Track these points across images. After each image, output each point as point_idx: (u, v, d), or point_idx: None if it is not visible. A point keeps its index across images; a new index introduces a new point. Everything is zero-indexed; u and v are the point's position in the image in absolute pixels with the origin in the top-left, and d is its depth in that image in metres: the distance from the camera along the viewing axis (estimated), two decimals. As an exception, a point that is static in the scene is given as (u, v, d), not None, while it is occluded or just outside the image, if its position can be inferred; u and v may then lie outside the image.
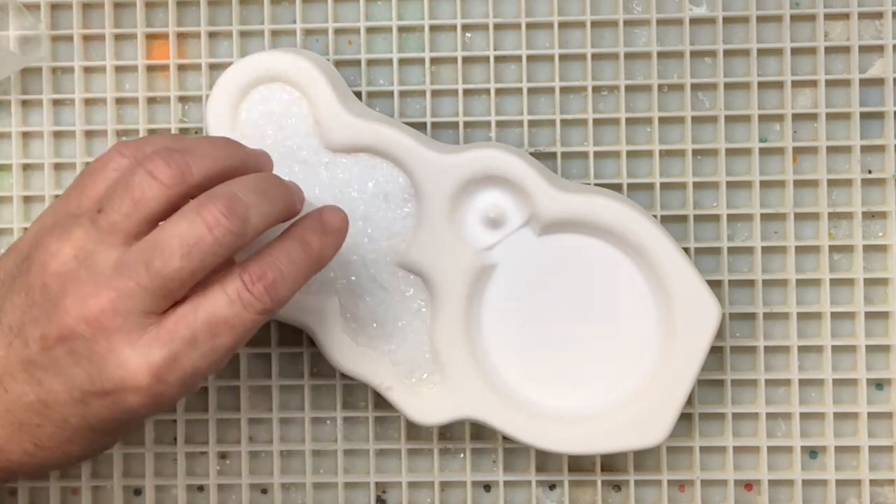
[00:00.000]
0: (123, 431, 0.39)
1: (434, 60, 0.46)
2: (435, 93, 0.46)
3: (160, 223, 0.35)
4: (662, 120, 0.46)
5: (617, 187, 0.45)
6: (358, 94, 0.46)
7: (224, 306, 0.35)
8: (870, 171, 0.46)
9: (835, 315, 0.46)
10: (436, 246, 0.43)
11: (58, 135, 0.47)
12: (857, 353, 0.46)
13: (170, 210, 0.36)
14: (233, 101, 0.43)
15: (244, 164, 0.38)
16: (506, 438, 0.46)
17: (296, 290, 0.37)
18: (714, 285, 0.45)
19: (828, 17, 0.45)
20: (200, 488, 0.47)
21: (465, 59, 0.46)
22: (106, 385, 0.35)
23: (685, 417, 0.45)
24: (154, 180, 0.35)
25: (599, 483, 0.46)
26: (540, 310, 0.43)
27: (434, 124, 0.46)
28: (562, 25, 0.46)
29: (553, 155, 0.46)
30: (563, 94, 0.46)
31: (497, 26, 0.46)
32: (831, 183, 0.46)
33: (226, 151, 0.37)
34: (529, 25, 0.46)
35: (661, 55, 0.46)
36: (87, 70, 0.47)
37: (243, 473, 0.46)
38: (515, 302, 0.43)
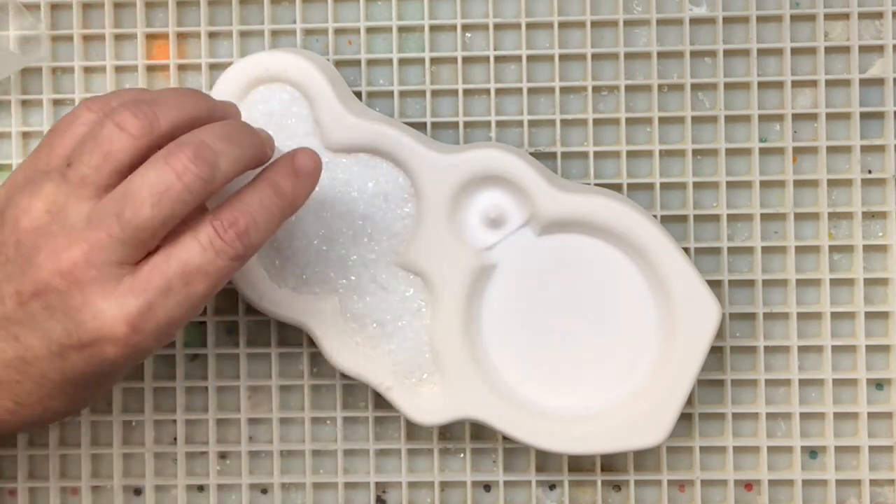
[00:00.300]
0: (103, 384, 0.39)
1: (434, 60, 0.46)
2: (435, 93, 0.46)
3: (130, 174, 0.36)
4: (662, 120, 0.46)
5: (617, 187, 0.45)
6: (358, 94, 0.46)
7: (197, 254, 0.35)
8: (870, 171, 0.46)
9: (835, 315, 0.46)
10: (436, 246, 0.43)
11: (58, 135, 0.47)
12: (857, 353, 0.46)
13: (139, 161, 0.36)
14: (233, 101, 0.43)
15: (211, 113, 0.38)
16: (506, 438, 0.46)
17: (269, 236, 0.37)
18: (714, 285, 0.45)
19: (828, 17, 0.45)
20: (200, 488, 0.47)
21: (465, 59, 0.46)
22: (83, 337, 0.35)
23: (685, 417, 0.45)
24: (122, 132, 0.35)
25: (599, 483, 0.46)
26: (540, 310, 0.43)
27: (434, 124, 0.46)
28: (562, 25, 0.46)
29: (553, 155, 0.46)
30: (563, 94, 0.46)
31: (497, 26, 0.46)
32: (831, 183, 0.46)
33: (192, 100, 0.37)
34: (529, 25, 0.46)
35: (661, 55, 0.46)
36: (87, 70, 0.47)
37: (243, 473, 0.46)
38: (515, 302, 0.43)
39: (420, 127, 0.45)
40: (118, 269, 0.35)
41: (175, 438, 0.47)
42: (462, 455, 0.46)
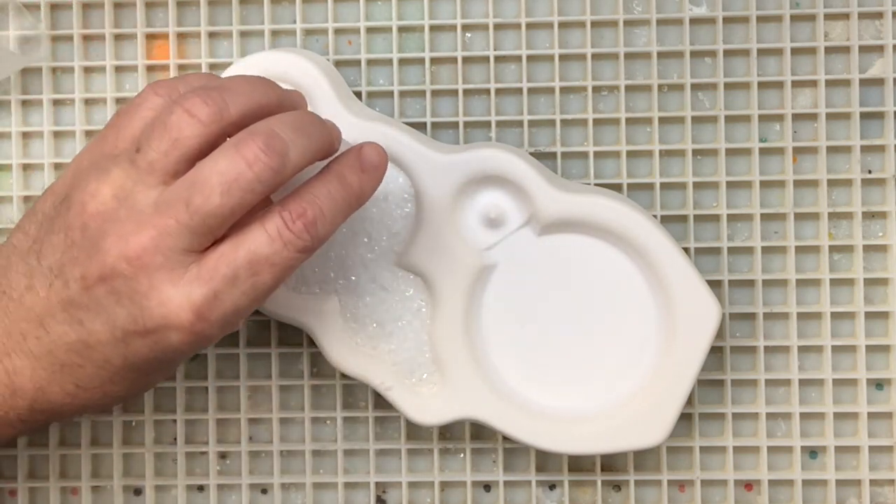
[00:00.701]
0: (164, 371, 0.39)
1: (434, 60, 0.46)
2: (435, 93, 0.46)
3: (199, 161, 0.35)
4: (662, 120, 0.46)
5: (617, 187, 0.45)
6: (358, 94, 0.46)
7: (264, 244, 0.35)
8: (870, 171, 0.46)
9: (835, 315, 0.46)
10: (436, 246, 0.43)
11: (58, 135, 0.47)
12: (857, 353, 0.46)
13: (208, 148, 0.36)
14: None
15: (280, 101, 0.38)
16: (506, 438, 0.46)
17: (335, 228, 0.37)
18: (714, 285, 0.45)
19: (828, 17, 0.45)
20: (200, 488, 0.47)
21: (465, 59, 0.46)
22: (148, 324, 0.35)
23: (685, 417, 0.45)
24: (192, 118, 0.35)
25: (599, 483, 0.46)
26: (540, 310, 0.43)
27: (434, 124, 0.46)
28: (562, 25, 0.46)
29: (553, 155, 0.46)
30: (563, 94, 0.46)
31: (497, 26, 0.46)
32: (831, 183, 0.46)
33: (262, 89, 0.37)
34: (529, 25, 0.46)
35: (661, 55, 0.46)
36: (87, 70, 0.47)
37: (243, 473, 0.46)
38: (515, 302, 0.43)
39: (420, 127, 0.45)
40: (185, 257, 0.35)
41: (175, 438, 0.47)
42: (462, 455, 0.46)
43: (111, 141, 0.37)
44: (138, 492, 0.47)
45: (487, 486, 0.46)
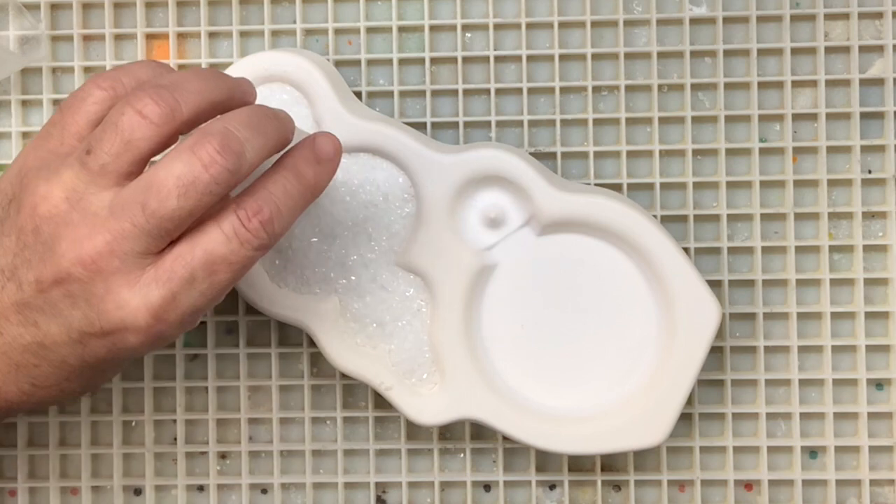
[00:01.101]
0: (120, 367, 0.39)
1: (434, 60, 0.46)
2: (435, 93, 0.46)
3: (152, 161, 0.35)
4: (662, 120, 0.46)
5: (617, 187, 0.45)
6: (358, 94, 0.46)
7: (221, 244, 0.35)
8: (870, 171, 0.46)
9: (835, 315, 0.46)
10: (436, 246, 0.43)
11: (58, 135, 0.47)
12: (857, 353, 0.46)
13: (159, 148, 0.35)
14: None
15: (231, 94, 0.37)
16: (506, 438, 0.46)
17: (292, 223, 0.37)
18: (714, 285, 0.45)
19: (828, 17, 0.45)
20: (200, 488, 0.47)
21: (465, 59, 0.46)
22: (105, 326, 0.35)
23: (685, 417, 0.45)
24: (143, 119, 0.35)
25: (599, 483, 0.46)
26: (540, 310, 0.43)
27: (434, 124, 0.46)
28: (562, 25, 0.46)
29: (553, 155, 0.46)
30: (563, 94, 0.46)
31: (497, 26, 0.46)
32: (831, 183, 0.46)
33: (213, 84, 0.37)
34: (529, 25, 0.46)
35: (661, 55, 0.46)
36: (87, 70, 0.47)
37: (243, 473, 0.46)
38: (515, 302, 0.43)
39: (420, 127, 0.45)
40: (141, 259, 0.35)
41: (175, 438, 0.47)
42: (462, 455, 0.46)
43: (56, 137, 0.37)
44: (138, 492, 0.47)
45: (487, 486, 0.46)
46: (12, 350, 0.36)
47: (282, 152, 0.38)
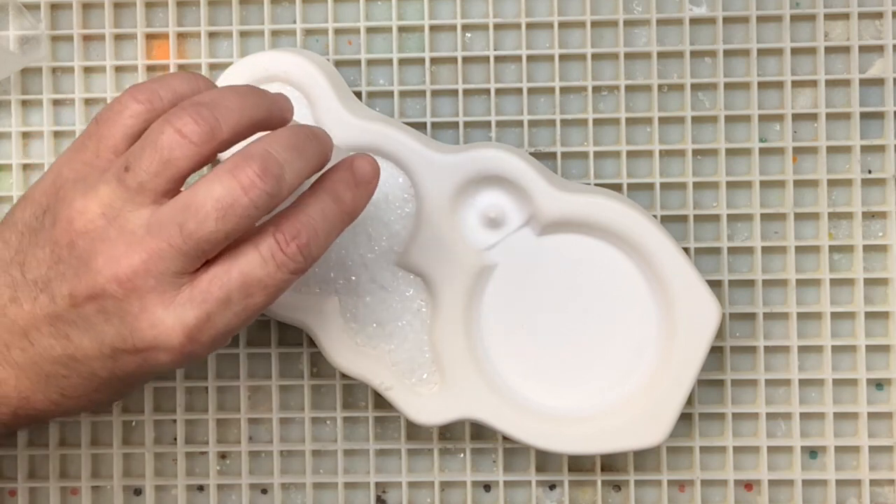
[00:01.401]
0: (149, 380, 0.39)
1: (434, 60, 0.46)
2: (435, 93, 0.46)
3: (192, 181, 0.35)
4: (662, 120, 0.46)
5: (617, 187, 0.45)
6: (358, 94, 0.46)
7: (258, 266, 0.35)
8: (870, 171, 0.46)
9: (835, 315, 0.46)
10: (436, 246, 0.43)
11: (58, 135, 0.47)
12: (857, 353, 0.46)
13: (198, 167, 0.35)
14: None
15: (270, 113, 0.37)
16: (506, 438, 0.46)
17: (329, 246, 0.36)
18: (714, 285, 0.45)
19: (828, 17, 0.45)
20: (200, 488, 0.47)
21: (465, 59, 0.46)
22: (138, 344, 0.35)
23: (685, 417, 0.45)
24: (183, 139, 0.34)
25: (599, 483, 0.46)
26: (540, 310, 0.43)
27: (434, 124, 0.46)
28: (562, 25, 0.46)
29: (553, 155, 0.46)
30: (563, 94, 0.46)
31: (497, 26, 0.46)
32: (831, 183, 0.46)
33: (252, 101, 0.36)
34: (529, 25, 0.46)
35: (661, 55, 0.46)
36: (87, 70, 0.47)
37: (243, 473, 0.46)
38: (515, 302, 0.43)
39: (420, 127, 0.45)
40: (177, 279, 0.35)
41: (175, 438, 0.47)
42: (462, 455, 0.46)
43: (92, 150, 0.37)
44: (138, 492, 0.47)
45: (487, 486, 0.46)
46: (43, 361, 0.36)
47: (320, 172, 0.37)
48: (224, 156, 0.39)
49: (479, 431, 0.46)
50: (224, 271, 0.35)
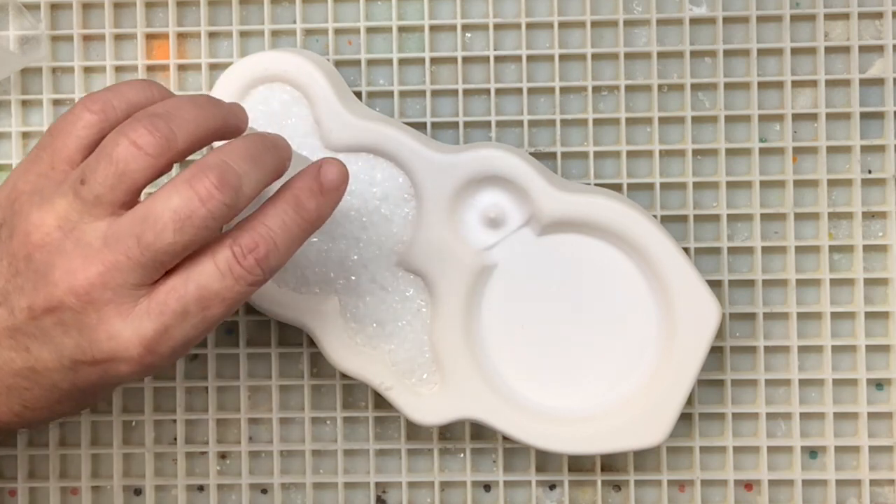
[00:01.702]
0: (111, 391, 0.39)
1: (434, 60, 0.46)
2: (435, 93, 0.46)
3: (148, 192, 0.35)
4: (662, 120, 0.46)
5: (617, 187, 0.45)
6: (358, 94, 0.46)
7: (215, 280, 0.35)
8: (870, 171, 0.46)
9: (835, 315, 0.46)
10: (436, 246, 0.43)
11: (58, 135, 0.47)
12: (857, 353, 0.46)
13: (154, 178, 0.35)
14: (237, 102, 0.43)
15: (225, 122, 0.37)
16: (506, 438, 0.46)
17: (290, 257, 0.36)
18: (714, 285, 0.45)
19: (828, 17, 0.45)
20: (200, 488, 0.47)
21: (465, 59, 0.46)
22: (97, 356, 0.35)
23: (685, 417, 0.45)
24: (139, 150, 0.34)
25: (599, 483, 0.46)
26: (540, 310, 0.43)
27: (434, 124, 0.46)
28: (562, 25, 0.46)
29: (553, 155, 0.46)
30: (563, 94, 0.46)
31: (497, 26, 0.46)
32: (831, 183, 0.46)
33: (208, 111, 0.36)
34: (529, 25, 0.46)
35: (661, 55, 0.46)
36: (87, 70, 0.47)
37: (243, 473, 0.46)
38: (515, 302, 0.43)
39: (420, 127, 0.45)
40: (135, 291, 0.34)
41: (175, 438, 0.47)
42: (462, 455, 0.46)
43: (47, 162, 0.36)
44: (138, 492, 0.47)
45: (487, 486, 0.46)
46: (3, 373, 0.36)
47: (284, 178, 0.37)
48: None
49: (479, 431, 0.46)
50: (182, 283, 0.35)
